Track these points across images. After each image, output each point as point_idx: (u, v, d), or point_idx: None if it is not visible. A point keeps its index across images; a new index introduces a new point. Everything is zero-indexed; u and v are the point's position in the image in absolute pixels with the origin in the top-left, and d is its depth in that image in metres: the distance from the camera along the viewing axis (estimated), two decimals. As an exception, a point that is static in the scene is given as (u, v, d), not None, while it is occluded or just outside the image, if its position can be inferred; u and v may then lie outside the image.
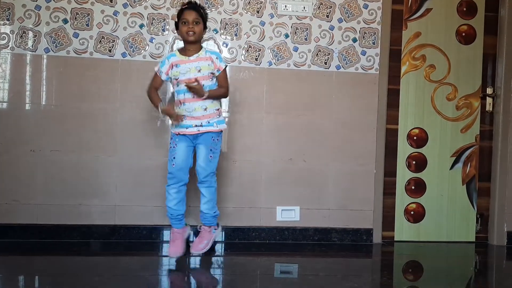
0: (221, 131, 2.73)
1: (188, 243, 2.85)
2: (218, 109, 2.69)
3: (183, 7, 2.65)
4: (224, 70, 2.69)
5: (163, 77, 2.69)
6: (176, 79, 2.63)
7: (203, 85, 2.58)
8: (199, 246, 2.75)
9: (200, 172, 2.69)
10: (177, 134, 2.68)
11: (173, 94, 2.84)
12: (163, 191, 3.01)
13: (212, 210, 2.76)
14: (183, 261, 2.67)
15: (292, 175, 3.18)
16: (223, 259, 2.82)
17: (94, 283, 2.27)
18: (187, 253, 2.75)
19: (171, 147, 2.72)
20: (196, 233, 2.88)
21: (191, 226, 2.98)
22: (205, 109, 2.62)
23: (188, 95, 2.60)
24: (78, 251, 2.83)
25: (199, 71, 2.60)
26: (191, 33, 2.57)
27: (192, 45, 2.64)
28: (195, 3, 2.68)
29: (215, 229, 2.84)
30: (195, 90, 2.56)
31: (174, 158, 2.67)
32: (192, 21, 2.58)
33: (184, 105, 2.63)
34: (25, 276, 2.41)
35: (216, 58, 2.67)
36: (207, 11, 2.79)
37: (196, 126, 2.63)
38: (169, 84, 2.91)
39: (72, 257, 2.72)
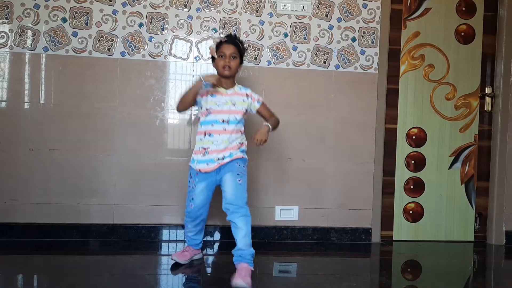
0: (243, 157, 2.54)
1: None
2: (241, 143, 2.55)
3: (223, 40, 2.55)
4: (263, 102, 2.60)
5: (198, 98, 2.52)
6: (208, 109, 2.50)
7: (236, 118, 2.50)
8: (247, 278, 2.29)
9: (231, 203, 2.43)
10: (197, 174, 2.51)
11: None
12: (162, 191, 3.03)
13: (250, 245, 2.43)
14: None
15: (291, 174, 3.18)
16: (221, 259, 2.81)
17: (93, 282, 2.27)
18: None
19: (190, 186, 2.55)
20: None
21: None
22: (230, 143, 2.49)
23: (218, 127, 2.48)
24: (76, 250, 2.83)
25: (234, 105, 2.52)
26: (227, 67, 2.48)
27: (226, 80, 2.53)
28: (235, 36, 2.60)
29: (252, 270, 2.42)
30: (266, 135, 2.45)
31: (193, 199, 2.53)
32: (229, 55, 2.49)
33: (211, 136, 2.48)
34: (23, 275, 2.41)
35: (251, 91, 2.59)
36: (246, 46, 2.70)
37: (218, 159, 2.47)
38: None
39: (71, 256, 2.72)
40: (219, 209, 2.56)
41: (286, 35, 3.17)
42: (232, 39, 2.55)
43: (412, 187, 3.37)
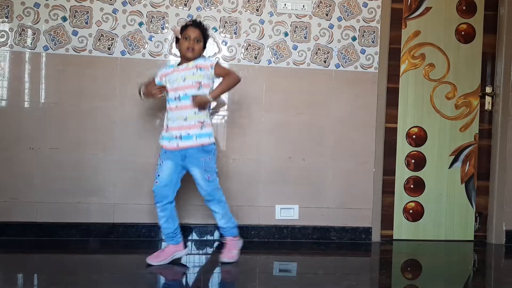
0: (203, 145, 2.54)
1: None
2: (201, 121, 2.54)
3: (188, 23, 2.60)
4: (217, 63, 2.58)
5: (156, 81, 2.65)
6: (166, 89, 2.60)
7: (186, 94, 2.51)
8: (230, 254, 2.63)
9: (203, 193, 2.61)
10: (164, 152, 2.60)
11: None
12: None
13: (229, 222, 2.66)
14: (181, 259, 2.67)
15: (291, 173, 3.18)
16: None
17: (92, 281, 2.27)
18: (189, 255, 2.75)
19: (158, 164, 2.63)
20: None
21: (191, 224, 2.98)
22: (185, 119, 2.52)
23: (172, 104, 2.55)
24: (76, 249, 2.83)
25: (184, 80, 2.54)
26: (190, 49, 2.53)
27: (187, 61, 2.57)
28: (200, 22, 2.64)
29: (238, 239, 2.71)
30: (199, 103, 2.50)
31: (158, 175, 2.58)
32: (194, 38, 2.53)
33: (168, 113, 2.58)
34: (23, 274, 2.41)
35: (204, 61, 2.57)
36: (209, 32, 2.69)
37: (176, 137, 2.53)
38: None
39: (71, 255, 2.72)
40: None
41: (286, 34, 3.16)
42: (198, 24, 2.61)
43: (412, 186, 3.37)
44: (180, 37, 2.57)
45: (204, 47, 2.64)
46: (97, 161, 3.03)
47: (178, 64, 2.62)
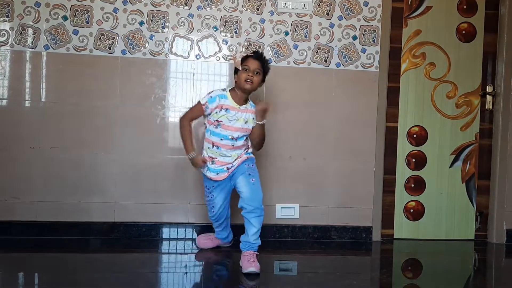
0: (250, 157, 2.64)
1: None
2: (246, 149, 2.65)
3: (249, 54, 2.60)
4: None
5: (207, 112, 2.55)
6: (219, 121, 2.52)
7: (244, 135, 2.58)
8: (256, 263, 2.44)
9: (248, 203, 2.49)
10: (213, 186, 2.63)
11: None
12: (163, 189, 3.04)
13: (257, 239, 2.54)
14: (182, 258, 2.68)
15: (291, 172, 3.18)
16: (222, 256, 2.81)
17: (93, 280, 2.27)
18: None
19: (207, 196, 2.68)
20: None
21: (193, 224, 2.99)
22: (239, 156, 2.60)
23: (227, 142, 2.54)
24: (77, 248, 2.83)
25: (246, 122, 2.55)
26: (249, 81, 2.49)
27: (244, 94, 2.56)
28: (261, 54, 2.62)
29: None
30: (265, 113, 2.56)
31: (213, 207, 2.67)
32: (253, 70, 2.51)
33: (219, 149, 2.55)
34: (24, 273, 2.41)
35: (253, 107, 2.61)
36: (269, 65, 2.66)
37: (227, 169, 2.58)
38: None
39: (71, 254, 2.72)
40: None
41: (287, 33, 3.16)
42: (259, 56, 2.58)
43: (412, 185, 3.37)
44: (240, 68, 2.54)
45: (263, 80, 2.61)
46: (97, 160, 3.03)
47: (232, 97, 2.55)
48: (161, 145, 3.07)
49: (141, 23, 3.05)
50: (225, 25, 3.11)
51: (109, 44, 3.02)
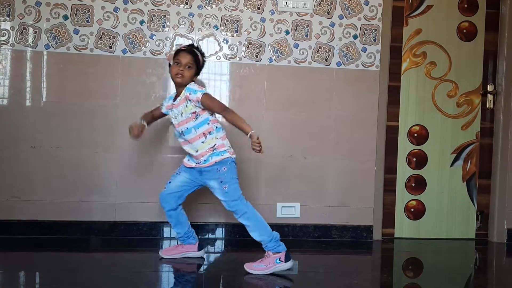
0: (222, 160, 2.50)
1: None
2: (212, 147, 2.49)
3: (181, 48, 2.54)
4: (204, 95, 2.44)
5: (163, 110, 2.63)
6: (171, 123, 2.60)
7: (187, 128, 2.48)
8: (253, 265, 2.49)
9: (227, 209, 2.54)
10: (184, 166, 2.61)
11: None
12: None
13: (264, 235, 2.49)
14: (183, 258, 2.67)
15: (292, 172, 3.18)
16: (223, 256, 2.82)
17: (94, 279, 2.28)
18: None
19: (175, 172, 2.66)
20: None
21: (195, 223, 2.99)
22: (197, 151, 2.50)
23: (180, 139, 2.56)
24: (78, 247, 2.83)
25: (181, 114, 2.49)
26: (179, 75, 2.46)
27: (179, 88, 2.53)
28: (195, 47, 2.58)
29: (279, 259, 2.47)
30: (258, 145, 2.41)
31: (169, 182, 2.62)
32: (185, 64, 2.46)
33: (183, 147, 2.59)
34: (25, 273, 2.41)
35: (189, 94, 2.45)
36: (205, 58, 2.62)
37: (196, 163, 2.53)
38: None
39: (72, 254, 2.73)
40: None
41: (287, 32, 3.16)
42: (191, 50, 2.52)
43: (413, 184, 3.37)
44: (171, 62, 2.50)
45: (197, 73, 2.57)
46: (98, 160, 3.03)
47: (177, 94, 2.54)
48: (162, 144, 3.07)
49: (141, 22, 3.05)
50: (225, 24, 3.11)
51: (110, 44, 3.02)
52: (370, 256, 3.04)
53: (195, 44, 2.70)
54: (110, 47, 3.02)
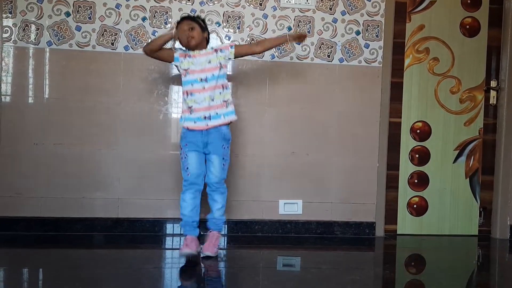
0: (231, 122, 2.68)
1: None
2: (225, 100, 2.63)
3: (178, 21, 2.64)
4: (236, 44, 2.70)
5: (176, 55, 2.63)
6: (186, 69, 2.61)
7: (213, 75, 2.60)
8: (214, 248, 2.64)
9: (213, 180, 2.64)
10: (186, 145, 2.62)
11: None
12: (166, 184, 3.03)
13: (223, 216, 2.72)
14: (185, 254, 2.68)
15: (294, 168, 3.18)
16: (226, 252, 2.82)
17: (97, 275, 2.28)
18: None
19: (182, 157, 2.64)
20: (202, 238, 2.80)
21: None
22: (212, 100, 2.59)
23: (197, 85, 2.59)
24: (81, 243, 2.84)
25: (209, 62, 2.61)
26: (190, 38, 2.57)
27: (197, 49, 2.63)
28: (188, 14, 2.74)
29: (222, 234, 2.78)
30: (298, 37, 2.70)
31: (187, 168, 2.62)
32: (188, 28, 2.58)
33: (193, 96, 2.59)
34: (28, 269, 2.42)
35: (221, 44, 2.78)
36: (201, 17, 2.72)
37: (205, 118, 2.58)
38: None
39: (75, 250, 2.74)
40: (227, 205, 2.57)
41: (289, 28, 3.15)
42: (186, 16, 2.67)
43: (416, 181, 3.37)
44: (179, 35, 2.60)
45: (204, 30, 2.66)
46: (101, 156, 3.04)
47: (185, 50, 2.65)
48: (165, 140, 3.07)
49: (143, 19, 3.04)
50: (227, 20, 3.11)
51: (112, 40, 3.02)
52: (373, 252, 3.04)
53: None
54: (112, 44, 3.02)
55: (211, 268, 2.56)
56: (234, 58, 2.68)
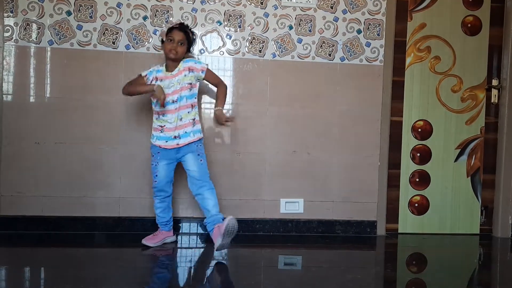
0: (200, 139, 2.77)
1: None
2: (193, 119, 2.74)
3: (174, 26, 2.72)
4: (208, 69, 2.78)
5: (148, 83, 2.75)
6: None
7: (184, 95, 2.70)
8: (222, 234, 2.57)
9: (196, 178, 2.72)
10: (158, 152, 2.74)
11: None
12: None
13: (220, 213, 2.70)
14: (187, 252, 2.68)
15: (296, 167, 3.18)
16: (227, 251, 2.82)
17: (98, 274, 2.29)
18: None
19: (152, 164, 2.78)
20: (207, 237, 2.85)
21: (198, 218, 2.99)
22: (181, 119, 2.70)
23: (170, 106, 2.68)
24: (82, 243, 2.85)
25: (179, 83, 2.70)
26: (173, 51, 2.68)
27: (172, 62, 2.73)
28: (186, 25, 2.79)
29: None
30: (220, 117, 2.81)
31: (156, 175, 2.76)
32: (177, 41, 2.69)
33: (165, 116, 2.70)
34: (30, 268, 2.42)
35: (195, 63, 2.76)
36: (195, 36, 2.86)
37: (175, 138, 2.70)
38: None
39: (77, 249, 2.74)
40: (228, 204, 2.57)
41: (291, 27, 3.15)
42: (183, 27, 2.75)
43: (417, 180, 3.36)
44: (164, 39, 2.72)
45: (188, 50, 2.81)
46: (102, 155, 3.04)
47: (166, 67, 2.74)
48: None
49: (144, 17, 3.05)
50: (229, 19, 3.11)
51: (113, 39, 3.02)
52: (374, 251, 3.04)
53: (185, 23, 2.82)
54: (114, 42, 3.02)
55: (212, 267, 2.56)
56: (203, 80, 2.80)
